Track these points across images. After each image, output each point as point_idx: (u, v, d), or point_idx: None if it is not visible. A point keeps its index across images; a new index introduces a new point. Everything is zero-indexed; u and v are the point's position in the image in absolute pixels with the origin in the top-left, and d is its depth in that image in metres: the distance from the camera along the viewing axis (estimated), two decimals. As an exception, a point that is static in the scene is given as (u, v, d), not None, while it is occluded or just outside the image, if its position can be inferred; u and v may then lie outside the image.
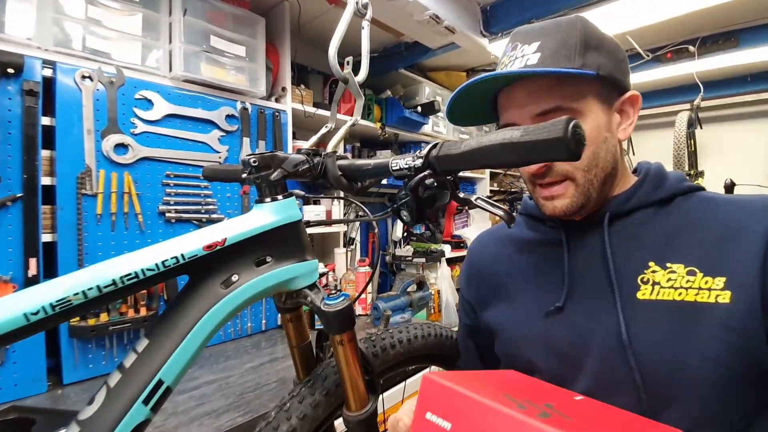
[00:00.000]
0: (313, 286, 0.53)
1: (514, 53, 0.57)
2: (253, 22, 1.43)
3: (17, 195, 1.01)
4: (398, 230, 2.59)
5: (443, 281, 2.54)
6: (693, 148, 2.87)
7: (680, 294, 0.49)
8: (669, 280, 0.50)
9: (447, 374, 0.45)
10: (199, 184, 1.35)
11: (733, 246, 0.48)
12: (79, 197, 1.11)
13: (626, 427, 0.40)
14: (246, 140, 1.46)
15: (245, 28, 1.41)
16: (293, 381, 0.65)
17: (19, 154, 1.02)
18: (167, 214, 1.27)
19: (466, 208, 2.99)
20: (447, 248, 2.63)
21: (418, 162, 0.42)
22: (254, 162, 0.49)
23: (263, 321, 1.52)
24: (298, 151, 0.54)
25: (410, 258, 2.46)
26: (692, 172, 2.84)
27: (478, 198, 0.43)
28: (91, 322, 1.10)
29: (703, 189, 0.58)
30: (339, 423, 0.58)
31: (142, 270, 0.39)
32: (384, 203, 2.55)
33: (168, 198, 1.27)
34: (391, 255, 2.50)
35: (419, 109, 2.16)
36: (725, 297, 0.46)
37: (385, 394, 1.14)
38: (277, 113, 1.55)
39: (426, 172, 0.41)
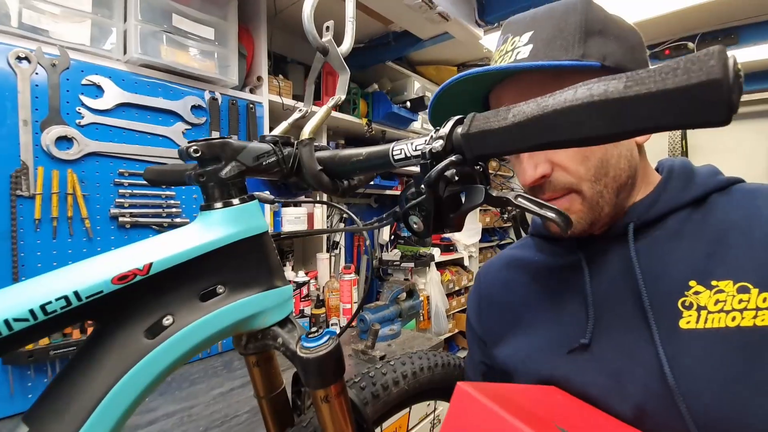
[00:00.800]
0: (285, 322, 0.39)
1: (505, 47, 0.49)
2: (224, 2, 1.28)
3: (-72, 197, 0.83)
4: (385, 233, 2.47)
5: (433, 287, 2.43)
6: (685, 149, 2.85)
7: (734, 319, 0.39)
8: (717, 302, 0.40)
9: (485, 387, 0.38)
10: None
11: None
12: (13, 199, 0.93)
13: None
14: (215, 134, 1.30)
15: (214, 8, 1.25)
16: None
17: (-68, 148, 0.84)
18: (120, 219, 1.10)
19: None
20: (436, 252, 2.52)
21: (437, 144, 0.29)
22: (195, 152, 0.34)
23: (219, 342, 1.36)
24: (262, 138, 0.40)
25: (398, 263, 2.33)
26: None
27: (519, 196, 0.30)
28: (29, 347, 0.92)
29: (742, 180, 0.48)
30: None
31: (9, 320, 0.24)
32: (370, 204, 2.41)
33: (121, 200, 1.10)
34: (378, 259, 2.37)
35: (408, 104, 2.04)
36: None
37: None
38: (251, 105, 1.40)
39: (451, 159, 0.28)
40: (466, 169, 0.29)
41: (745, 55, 1.95)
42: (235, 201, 0.36)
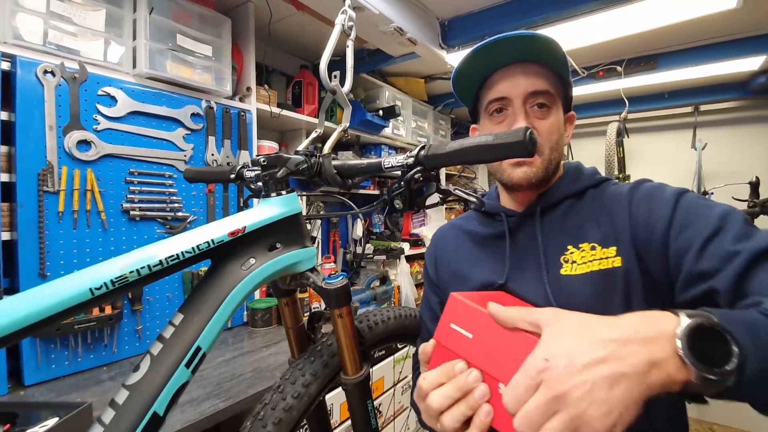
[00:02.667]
0: (313, 269, 0.61)
1: (508, 36, 0.63)
2: (220, 23, 1.45)
3: (-27, 192, 0.96)
4: (358, 229, 2.68)
5: (403, 277, 2.67)
6: (622, 155, 3.26)
7: (590, 266, 0.62)
8: (582, 257, 0.63)
9: (468, 295, 0.52)
10: (164, 182, 1.34)
11: (615, 220, 0.62)
12: (40, 194, 1.07)
13: None
14: (211, 139, 1.47)
15: (211, 27, 1.43)
16: (288, 360, 0.71)
17: (-25, 150, 0.97)
18: (131, 212, 1.25)
19: (424, 207, 3.16)
20: (406, 246, 2.76)
21: (410, 160, 0.52)
22: (264, 161, 0.56)
23: (230, 318, 1.54)
24: (297, 152, 0.62)
25: (371, 256, 2.56)
26: (621, 176, 3.23)
27: (456, 188, 0.55)
28: (56, 322, 1.06)
29: (610, 179, 0.72)
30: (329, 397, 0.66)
31: (182, 252, 0.45)
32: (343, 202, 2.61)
33: (132, 196, 1.26)
34: (352, 253, 2.59)
35: (380, 113, 2.26)
36: (618, 261, 0.59)
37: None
38: (242, 113, 1.58)
39: (417, 168, 0.51)
40: (426, 174, 0.52)
41: (663, 77, 2.35)
42: (284, 192, 0.57)
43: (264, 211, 0.55)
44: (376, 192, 2.61)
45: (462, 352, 0.46)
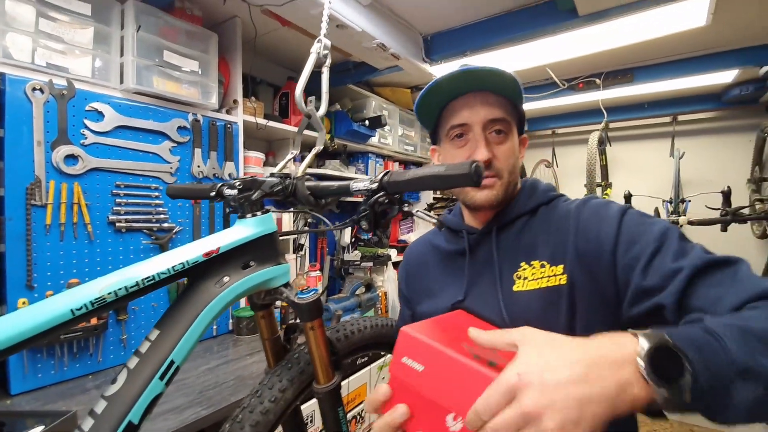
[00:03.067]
0: (287, 285, 0.65)
1: (469, 69, 0.67)
2: (207, 38, 1.49)
3: (-39, 206, 0.99)
4: (346, 236, 2.72)
5: (390, 283, 2.71)
6: (605, 163, 3.34)
7: (539, 283, 0.66)
8: (533, 274, 0.67)
9: (418, 326, 0.54)
10: (150, 194, 1.37)
11: (563, 239, 0.66)
12: (28, 208, 1.10)
13: None
14: (197, 151, 1.50)
15: (198, 43, 1.46)
16: (264, 370, 0.75)
17: (-37, 165, 1.00)
18: (117, 224, 1.28)
19: (414, 212, 3.21)
20: (393, 252, 2.81)
21: (374, 185, 0.57)
22: (239, 185, 0.60)
23: (214, 327, 1.57)
24: (272, 174, 0.66)
25: (358, 262, 2.59)
26: (603, 183, 3.31)
27: (418, 210, 0.59)
28: (42, 333, 1.09)
29: (563, 196, 0.76)
30: (311, 404, 0.70)
31: (158, 273, 0.48)
32: (332, 210, 2.65)
33: (118, 208, 1.29)
34: (340, 260, 2.62)
35: (366, 122, 2.31)
36: (564, 279, 0.63)
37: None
38: (228, 125, 1.61)
39: (381, 193, 0.56)
40: (388, 198, 0.57)
41: (640, 89, 2.44)
42: (259, 213, 0.61)
43: (238, 231, 0.59)
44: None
45: (414, 384, 0.48)
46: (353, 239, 2.76)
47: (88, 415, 0.45)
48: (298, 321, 0.69)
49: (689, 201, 2.73)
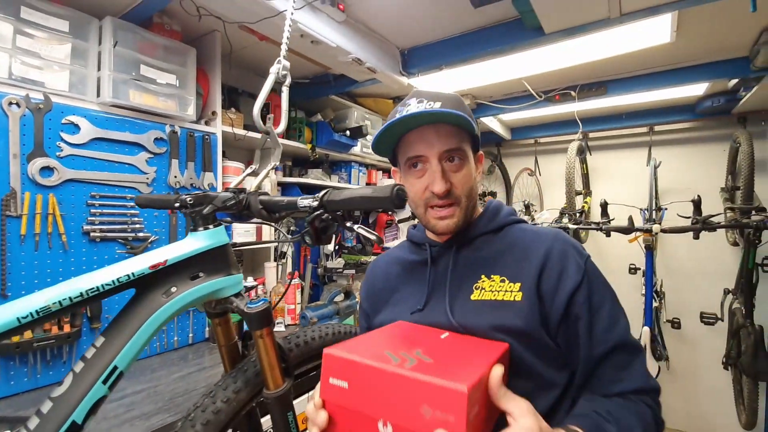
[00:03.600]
0: (238, 295, 0.68)
1: (422, 105, 0.72)
2: (184, 52, 1.53)
3: (-66, 218, 1.01)
4: (330, 244, 2.75)
5: (371, 290, 2.73)
6: (585, 171, 3.41)
7: (494, 295, 0.71)
8: (491, 286, 0.72)
9: (342, 345, 0.56)
10: (125, 204, 1.40)
11: (527, 262, 0.72)
12: (3, 219, 1.13)
13: (468, 351, 0.58)
14: (175, 162, 1.54)
15: (176, 57, 1.50)
16: (222, 374, 0.78)
17: (-63, 177, 1.02)
18: (92, 234, 1.31)
19: (396, 222, 3.26)
20: (375, 259, 2.84)
21: (315, 203, 0.61)
22: (190, 201, 0.64)
23: (190, 335, 1.59)
24: (226, 189, 0.69)
25: (341, 270, 2.62)
26: (584, 191, 3.37)
27: (360, 226, 0.63)
28: (15, 339, 1.11)
29: (524, 221, 0.83)
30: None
31: (102, 285, 0.52)
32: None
33: (93, 218, 1.32)
34: (323, 267, 2.65)
35: (348, 132, 2.36)
36: (519, 296, 0.69)
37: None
38: (207, 136, 1.65)
39: (319, 211, 0.60)
40: (328, 215, 0.60)
41: (614, 101, 2.51)
42: (211, 227, 0.65)
43: (188, 244, 0.62)
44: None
45: (343, 402, 0.51)
46: (337, 247, 2.80)
47: (34, 415, 0.48)
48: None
49: (665, 209, 2.79)
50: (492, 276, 0.73)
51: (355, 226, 0.63)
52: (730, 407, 2.57)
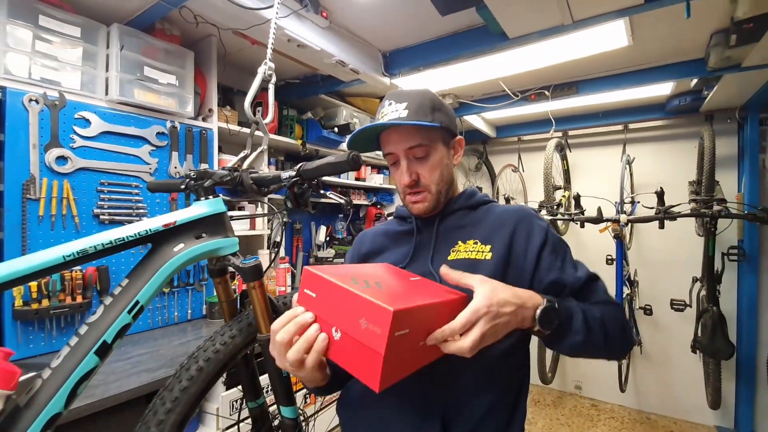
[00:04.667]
0: (234, 254, 0.83)
1: (391, 108, 0.82)
2: (183, 55, 1.68)
3: (-34, 199, 1.16)
4: (321, 235, 2.91)
5: (360, 279, 2.89)
6: (566, 167, 3.58)
7: (468, 254, 0.82)
8: (465, 249, 0.85)
9: (321, 267, 0.63)
10: (131, 191, 1.55)
11: (499, 230, 0.83)
12: (24, 201, 1.27)
13: (427, 290, 0.66)
14: (175, 154, 1.69)
15: (176, 59, 1.65)
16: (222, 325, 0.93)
17: (-31, 164, 1.17)
18: (101, 216, 1.46)
19: (385, 216, 3.41)
20: (364, 250, 2.99)
21: (294, 174, 0.76)
22: (193, 175, 0.79)
23: (189, 311, 1.74)
24: (223, 167, 0.85)
25: (331, 259, 2.78)
26: (563, 186, 3.54)
27: (330, 192, 0.79)
28: (34, 306, 1.26)
29: (495, 202, 0.95)
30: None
31: (127, 236, 0.67)
32: (309, 211, 2.84)
33: (102, 203, 1.46)
34: (314, 257, 2.81)
35: (336, 129, 2.52)
36: (489, 255, 0.80)
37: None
38: (204, 131, 1.80)
39: (295, 179, 0.75)
40: (305, 183, 0.76)
41: (582, 101, 2.69)
42: (210, 197, 0.80)
43: (193, 210, 0.78)
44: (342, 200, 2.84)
45: (311, 308, 0.62)
46: (328, 237, 2.95)
47: (74, 335, 0.63)
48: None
49: (638, 202, 2.97)
50: (467, 241, 0.84)
51: (328, 192, 0.79)
52: (700, 389, 2.74)
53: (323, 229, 2.90)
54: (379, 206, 3.27)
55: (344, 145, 2.68)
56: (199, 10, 1.47)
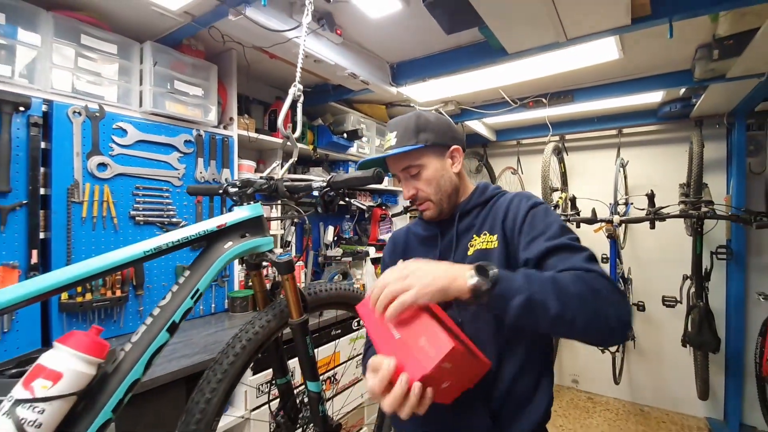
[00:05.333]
0: (270, 251, 0.97)
1: (388, 136, 0.96)
2: (208, 69, 1.82)
3: (23, 201, 1.30)
4: (329, 234, 3.04)
5: (368, 277, 3.04)
6: (563, 170, 3.72)
7: (481, 245, 0.90)
8: (479, 241, 0.91)
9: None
10: (162, 195, 1.69)
11: (499, 218, 0.91)
12: (68, 204, 1.41)
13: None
14: (200, 160, 1.82)
15: (201, 72, 1.79)
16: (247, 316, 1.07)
17: (25, 171, 1.31)
18: (136, 218, 1.59)
19: (389, 216, 3.54)
20: (372, 250, 3.13)
21: (324, 184, 0.90)
22: (239, 184, 0.93)
23: (212, 305, 1.88)
24: (261, 177, 0.99)
25: (339, 258, 2.92)
26: (560, 188, 3.68)
27: (354, 200, 0.93)
28: (79, 299, 1.40)
29: (503, 192, 1.02)
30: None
31: (189, 236, 0.81)
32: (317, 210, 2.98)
33: (137, 205, 1.60)
34: (323, 256, 2.94)
35: (345, 135, 2.65)
36: (496, 243, 0.88)
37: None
38: (225, 138, 1.94)
39: (326, 188, 0.89)
40: (333, 192, 0.90)
41: (578, 108, 2.83)
42: (252, 203, 0.94)
43: (239, 213, 0.92)
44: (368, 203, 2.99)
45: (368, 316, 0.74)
46: (336, 237, 3.09)
47: (149, 315, 0.77)
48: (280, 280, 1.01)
49: (631, 204, 3.11)
50: (481, 234, 0.92)
51: (353, 201, 0.92)
52: (691, 383, 2.86)
53: (331, 229, 3.03)
54: (384, 207, 3.41)
55: (352, 150, 2.82)
56: (226, 30, 1.61)
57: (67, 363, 0.65)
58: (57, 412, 0.63)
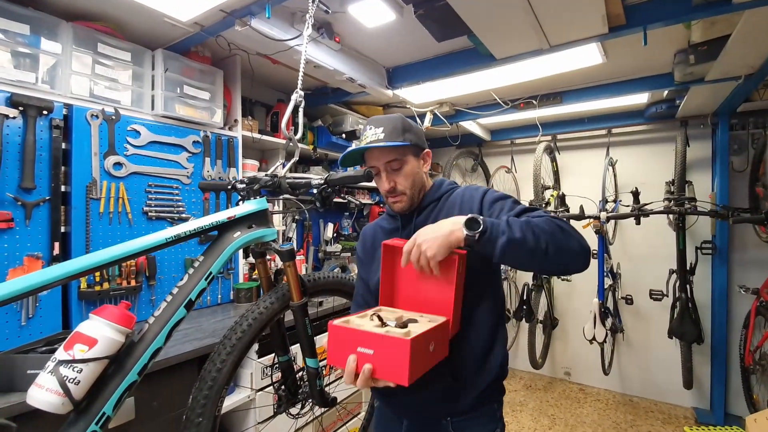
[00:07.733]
0: (274, 240, 1.09)
1: (371, 132, 1.03)
2: (214, 74, 1.94)
3: (46, 198, 1.42)
4: (329, 231, 3.16)
5: (364, 272, 3.14)
6: (556, 169, 3.83)
7: None
8: None
9: (344, 318, 0.86)
10: (172, 192, 1.81)
11: (452, 211, 1.04)
12: (87, 200, 1.53)
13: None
14: (207, 159, 1.94)
15: (208, 77, 1.91)
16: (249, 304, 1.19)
17: (48, 170, 1.43)
18: (149, 213, 1.71)
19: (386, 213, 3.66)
20: (368, 246, 3.24)
21: (322, 181, 1.02)
22: (246, 180, 1.05)
23: (219, 296, 2.00)
24: (266, 174, 1.10)
25: (338, 253, 3.04)
26: (551, 186, 3.79)
27: (346, 194, 1.05)
28: (97, 288, 1.52)
29: (459, 187, 1.17)
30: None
31: (203, 226, 0.93)
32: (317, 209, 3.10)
33: (150, 202, 1.72)
34: (323, 251, 3.07)
35: (344, 135, 2.77)
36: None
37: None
38: (230, 139, 2.05)
39: (324, 185, 1.01)
40: (330, 188, 1.02)
41: (567, 109, 2.94)
42: (258, 197, 1.06)
43: (246, 207, 1.03)
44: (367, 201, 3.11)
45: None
46: (335, 234, 3.21)
47: (168, 294, 0.89)
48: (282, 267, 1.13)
49: (620, 201, 3.22)
50: None
51: (348, 198, 1.04)
52: (678, 374, 2.97)
53: (330, 226, 3.15)
54: (381, 205, 3.53)
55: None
56: (232, 39, 1.73)
57: (101, 331, 0.77)
58: (92, 372, 0.75)
